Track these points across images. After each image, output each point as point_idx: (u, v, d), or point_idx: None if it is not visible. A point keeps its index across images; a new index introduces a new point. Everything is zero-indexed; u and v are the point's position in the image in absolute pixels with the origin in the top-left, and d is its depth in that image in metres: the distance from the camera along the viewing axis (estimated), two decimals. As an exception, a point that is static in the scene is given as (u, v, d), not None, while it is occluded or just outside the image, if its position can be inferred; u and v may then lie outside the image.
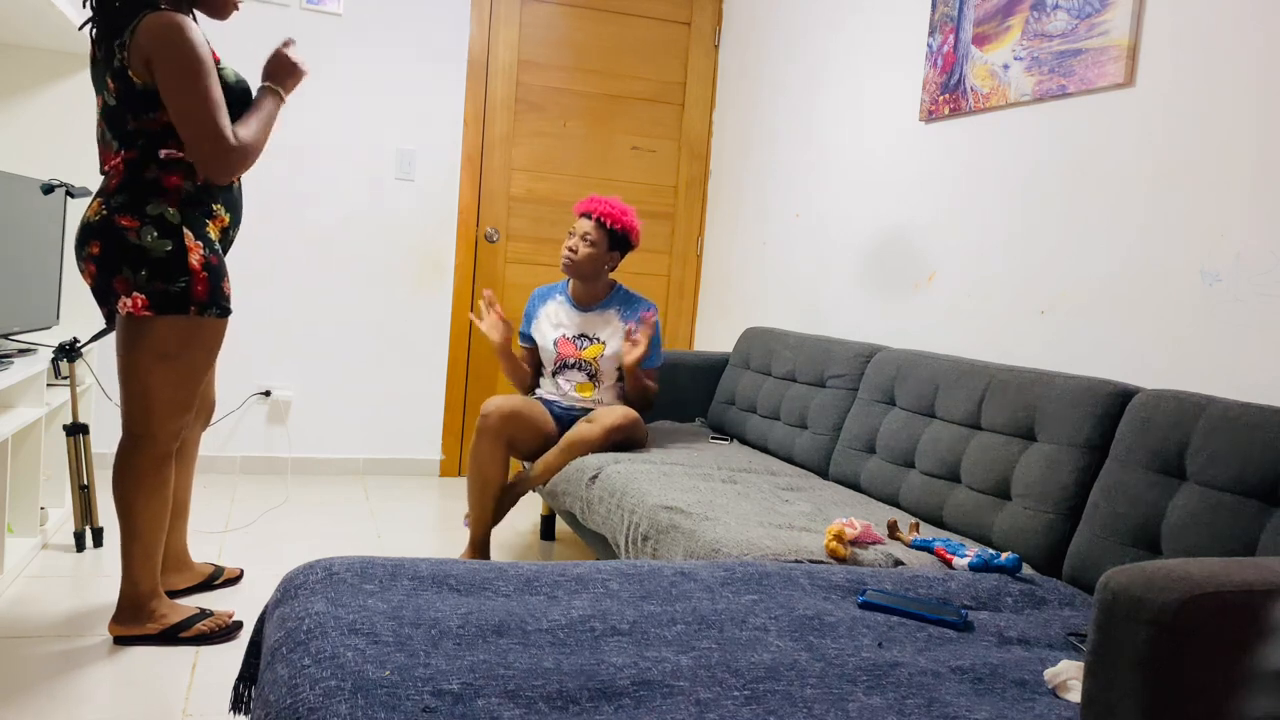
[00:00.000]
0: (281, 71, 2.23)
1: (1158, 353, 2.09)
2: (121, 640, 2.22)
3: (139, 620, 2.22)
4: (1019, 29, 2.50)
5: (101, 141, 2.16)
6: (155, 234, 2.06)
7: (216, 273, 2.13)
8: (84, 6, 2.14)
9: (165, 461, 2.18)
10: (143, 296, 2.05)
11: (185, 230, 2.09)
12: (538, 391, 3.14)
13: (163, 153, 2.09)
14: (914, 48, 2.98)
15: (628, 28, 4.28)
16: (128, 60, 2.02)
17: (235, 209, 2.25)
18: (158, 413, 2.14)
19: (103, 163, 2.17)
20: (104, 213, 2.06)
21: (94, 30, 2.11)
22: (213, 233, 2.16)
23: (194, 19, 2.15)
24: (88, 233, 2.08)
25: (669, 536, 2.08)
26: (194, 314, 2.10)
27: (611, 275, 3.24)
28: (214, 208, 2.16)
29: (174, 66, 1.99)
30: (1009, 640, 1.54)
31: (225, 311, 2.16)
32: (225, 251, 2.25)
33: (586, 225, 3.01)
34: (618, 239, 3.03)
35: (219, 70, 2.13)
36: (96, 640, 2.23)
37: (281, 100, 2.22)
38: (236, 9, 2.23)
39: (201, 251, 2.10)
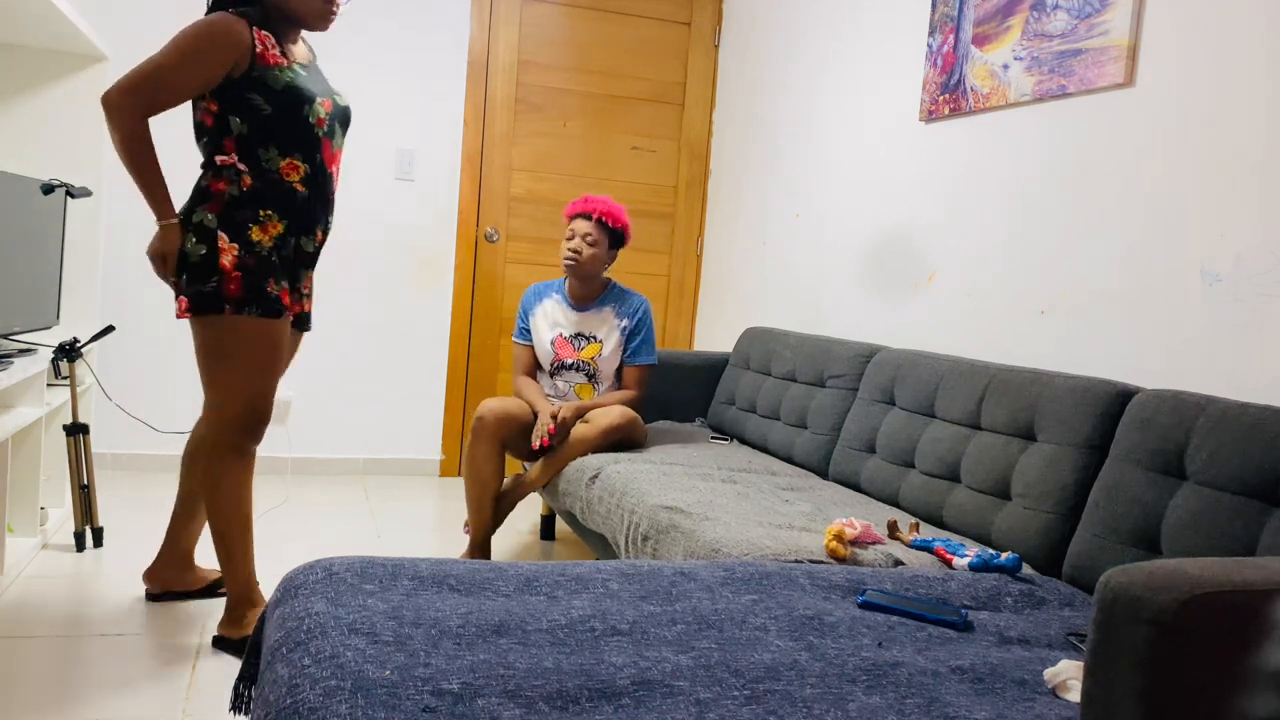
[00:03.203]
0: (162, 256, 2.14)
1: (1158, 353, 2.09)
2: (219, 643, 2.25)
3: (237, 624, 2.25)
4: (1019, 29, 2.50)
5: None
6: (194, 240, 2.12)
7: (253, 273, 2.14)
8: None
9: (230, 457, 2.21)
10: (185, 299, 2.14)
11: (220, 233, 2.12)
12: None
13: (218, 159, 2.15)
14: (914, 48, 2.98)
15: (628, 28, 4.28)
16: None
17: (296, 216, 2.22)
18: (224, 410, 2.19)
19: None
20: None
21: None
22: (257, 236, 2.15)
23: (268, 28, 2.17)
24: None
25: (669, 536, 2.08)
26: (230, 313, 2.13)
27: (611, 275, 3.24)
28: (262, 213, 2.17)
29: (172, 39, 2.09)
30: (1009, 640, 1.54)
31: (270, 312, 2.17)
32: (303, 258, 2.27)
33: (587, 226, 3.01)
34: (616, 237, 3.05)
35: (276, 72, 2.14)
36: (96, 640, 2.23)
37: (155, 214, 2.12)
38: (334, 16, 2.24)
39: (236, 253, 2.13)
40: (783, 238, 3.71)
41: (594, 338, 3.06)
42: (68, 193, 2.89)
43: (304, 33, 2.31)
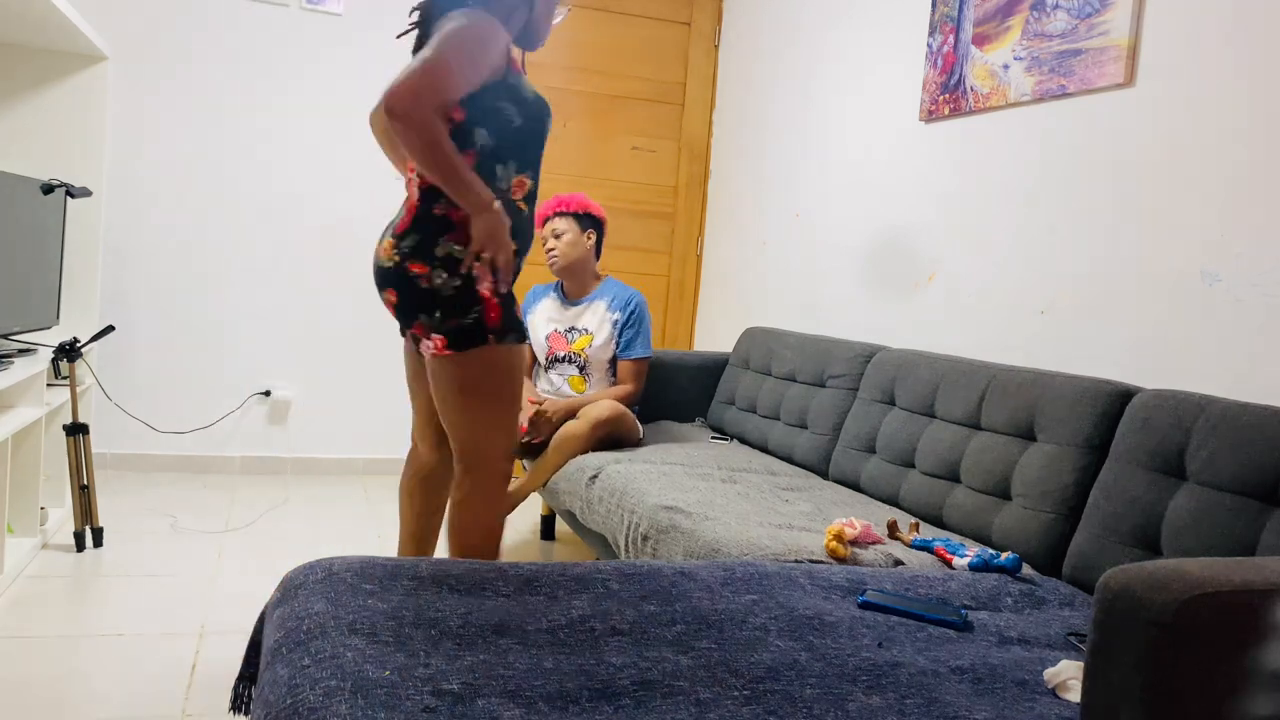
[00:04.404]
0: (494, 239, 1.93)
1: (1158, 353, 2.09)
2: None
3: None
4: (1019, 29, 2.50)
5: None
6: (445, 275, 1.95)
7: (508, 299, 2.01)
8: (409, 15, 2.11)
9: (502, 482, 2.09)
10: (441, 337, 1.97)
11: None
12: (536, 389, 3.15)
13: None
14: (914, 48, 2.98)
15: (628, 28, 4.28)
16: None
17: (522, 237, 2.09)
18: (492, 460, 2.05)
19: (404, 171, 2.13)
20: (396, 258, 1.98)
21: (416, 40, 2.09)
22: None
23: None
24: (383, 277, 2.01)
25: (669, 536, 2.07)
26: (493, 342, 1.99)
27: (608, 273, 3.27)
28: None
29: (446, 29, 1.89)
30: (1009, 640, 1.54)
31: (523, 337, 2.05)
32: (514, 278, 2.12)
33: (551, 224, 3.10)
34: (582, 220, 3.10)
35: (525, 80, 2.03)
36: (96, 640, 2.23)
37: (478, 208, 1.90)
38: (543, 41, 2.14)
39: (491, 278, 1.99)
40: (782, 238, 3.71)
41: (585, 330, 3.09)
42: (68, 193, 2.89)
43: None
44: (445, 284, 1.95)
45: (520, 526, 3.56)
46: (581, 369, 3.09)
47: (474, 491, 2.06)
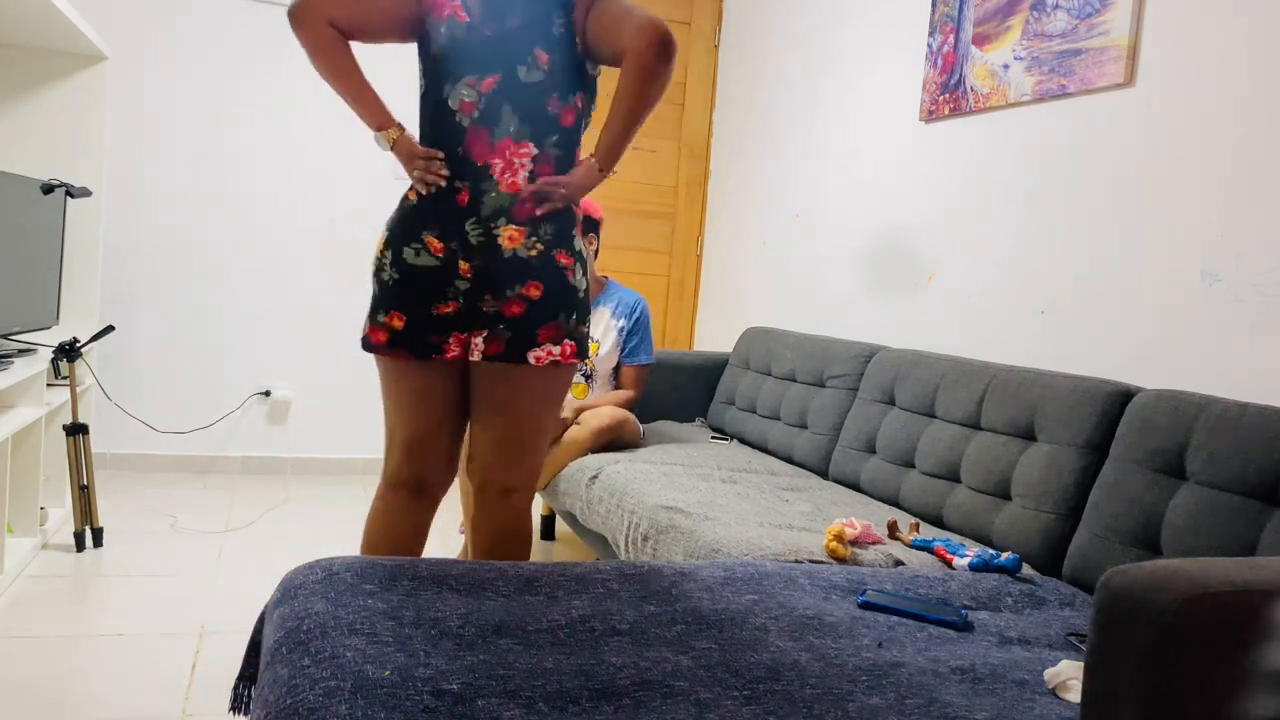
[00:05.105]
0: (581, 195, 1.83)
1: (1158, 353, 2.09)
2: None
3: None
4: (1019, 29, 2.50)
5: (485, 123, 1.81)
6: (582, 271, 1.81)
7: None
8: None
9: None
10: (572, 343, 1.79)
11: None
12: None
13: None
14: (914, 47, 2.98)
15: (628, 28, 4.28)
16: (576, 21, 1.82)
17: None
18: (541, 453, 1.93)
19: (482, 152, 1.80)
20: (539, 247, 1.75)
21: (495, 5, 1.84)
22: None
23: None
24: (523, 270, 1.75)
25: (669, 536, 2.07)
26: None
27: (610, 275, 3.25)
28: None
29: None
30: (1009, 640, 1.54)
31: None
32: None
33: None
34: (584, 222, 3.05)
35: None
36: (96, 640, 2.23)
37: (610, 170, 1.86)
38: None
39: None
40: (783, 237, 3.71)
41: (591, 338, 3.07)
42: (68, 193, 2.90)
43: None
44: (581, 283, 1.80)
45: (520, 526, 3.56)
46: (587, 377, 3.08)
47: (526, 505, 1.94)
